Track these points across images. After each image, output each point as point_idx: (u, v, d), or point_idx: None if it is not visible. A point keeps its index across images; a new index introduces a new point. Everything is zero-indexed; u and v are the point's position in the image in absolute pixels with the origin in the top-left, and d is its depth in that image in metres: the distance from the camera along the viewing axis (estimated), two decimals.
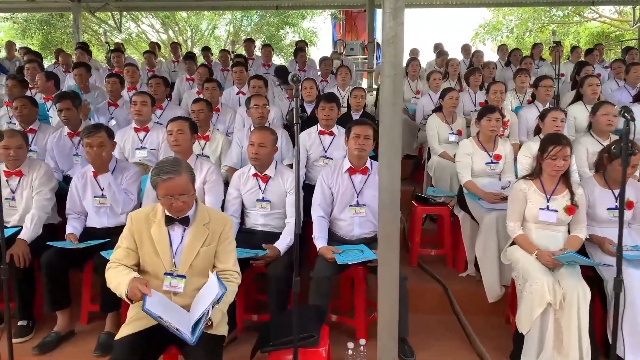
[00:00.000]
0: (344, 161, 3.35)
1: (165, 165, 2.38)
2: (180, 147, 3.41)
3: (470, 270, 3.96)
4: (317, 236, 3.21)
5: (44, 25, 14.74)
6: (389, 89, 2.49)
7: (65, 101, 4.19)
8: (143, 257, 2.43)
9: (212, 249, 2.47)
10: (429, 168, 5.01)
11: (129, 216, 2.50)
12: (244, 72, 5.98)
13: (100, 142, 3.36)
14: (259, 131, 3.33)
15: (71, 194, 3.52)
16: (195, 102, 4.40)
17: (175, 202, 2.34)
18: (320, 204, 3.32)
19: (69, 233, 3.38)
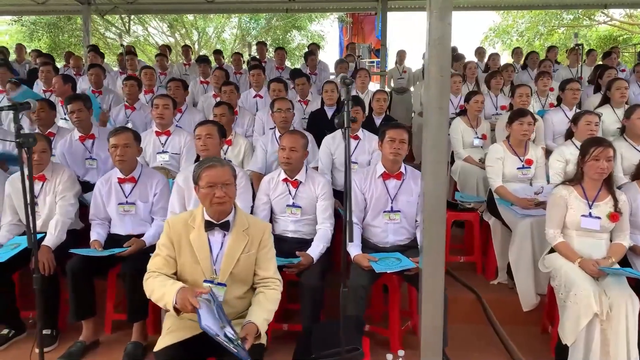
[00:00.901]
0: (377, 166, 3.26)
1: (208, 159, 2.44)
2: (209, 151, 3.31)
3: (502, 278, 3.86)
4: (350, 243, 3.10)
5: (52, 28, 14.70)
6: (436, 92, 2.41)
7: (76, 102, 4.10)
8: (182, 265, 2.34)
9: (252, 255, 2.39)
10: (453, 173, 4.90)
11: (166, 222, 2.41)
12: (262, 75, 5.90)
13: (126, 142, 3.28)
14: (290, 135, 3.24)
15: (95, 200, 3.43)
16: (218, 105, 4.31)
17: (218, 191, 2.29)
18: (353, 211, 3.22)
19: (93, 240, 3.29)
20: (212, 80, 5.93)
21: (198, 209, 2.43)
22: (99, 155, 4.20)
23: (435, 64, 2.39)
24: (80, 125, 4.15)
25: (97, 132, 4.21)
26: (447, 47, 2.38)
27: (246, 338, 2.10)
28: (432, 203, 2.43)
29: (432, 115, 2.40)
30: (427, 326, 2.51)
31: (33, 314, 3.46)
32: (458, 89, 5.91)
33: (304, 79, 5.62)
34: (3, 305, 3.20)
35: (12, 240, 3.31)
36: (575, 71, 7.40)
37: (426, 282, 2.48)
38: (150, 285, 2.25)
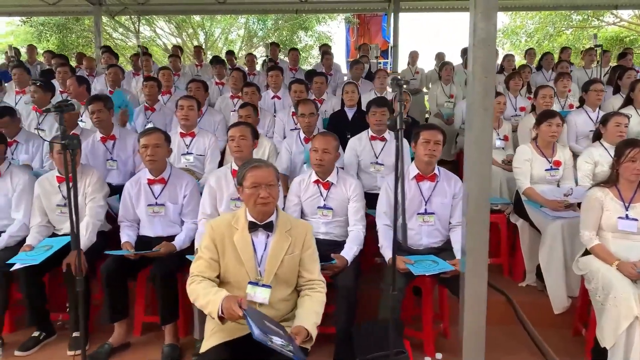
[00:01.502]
0: (411, 167, 3.24)
1: (253, 160, 2.46)
2: (242, 153, 3.30)
3: (530, 280, 3.84)
4: (385, 245, 3.10)
5: (61, 29, 14.70)
6: (480, 92, 2.39)
7: (97, 103, 4.08)
8: (225, 267, 2.32)
9: (296, 257, 2.37)
10: None
11: (208, 224, 2.39)
12: (280, 76, 5.88)
13: (157, 143, 3.27)
14: (322, 137, 3.23)
15: (124, 202, 3.42)
16: (243, 107, 4.30)
17: (263, 192, 2.28)
18: (385, 212, 3.21)
19: (124, 242, 3.28)
20: (230, 81, 5.91)
21: (241, 210, 2.42)
22: (119, 157, 4.18)
23: (480, 64, 2.37)
24: (101, 125, 4.14)
25: (118, 133, 4.20)
26: (492, 48, 2.36)
27: (295, 337, 2.08)
28: (476, 205, 2.41)
29: (477, 116, 2.39)
30: (469, 330, 2.49)
31: (63, 317, 3.44)
32: None
33: (322, 77, 5.62)
34: (34, 308, 3.19)
35: (43, 242, 3.29)
36: (590, 72, 7.39)
37: (468, 286, 2.47)
38: (194, 291, 2.22)
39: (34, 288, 3.15)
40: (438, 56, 8.78)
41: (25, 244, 3.25)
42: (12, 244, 3.34)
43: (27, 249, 3.20)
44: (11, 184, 3.46)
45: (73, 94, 5.07)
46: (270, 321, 2.09)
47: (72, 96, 5.06)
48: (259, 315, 2.07)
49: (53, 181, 3.42)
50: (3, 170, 3.48)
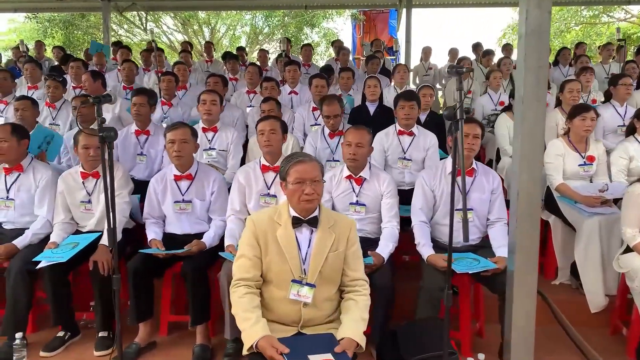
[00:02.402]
0: (447, 161, 3.14)
1: (295, 154, 2.35)
2: (273, 147, 3.21)
3: (563, 278, 3.75)
4: (422, 243, 3.00)
5: (67, 25, 14.59)
6: (533, 83, 2.30)
7: (141, 96, 4.07)
8: (268, 264, 2.23)
9: (340, 254, 2.28)
10: (499, 170, 4.78)
11: (249, 220, 2.30)
12: (297, 71, 5.79)
13: (184, 138, 3.18)
14: (356, 130, 3.13)
15: (149, 198, 3.32)
16: (265, 101, 4.22)
17: (307, 188, 2.19)
18: (421, 208, 3.12)
19: (152, 239, 3.18)
20: (246, 76, 5.81)
21: (282, 205, 2.33)
22: (149, 152, 4.12)
23: (532, 54, 2.27)
24: (139, 119, 4.11)
25: (153, 129, 4.13)
26: (546, 37, 2.27)
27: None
28: (527, 200, 2.32)
29: (529, 107, 2.29)
30: (518, 331, 2.41)
31: (87, 316, 3.35)
32: (498, 85, 5.79)
33: (350, 72, 5.53)
34: (60, 307, 3.09)
35: (68, 240, 3.19)
36: (608, 67, 7.29)
37: (518, 285, 2.38)
38: (235, 305, 2.16)
39: (59, 287, 3.06)
40: (451, 52, 8.67)
41: (50, 241, 3.16)
42: (35, 241, 3.24)
43: (52, 247, 3.10)
44: (34, 180, 3.37)
45: (89, 90, 4.97)
46: (313, 348, 2.00)
47: (87, 91, 4.97)
48: (301, 354, 1.98)
49: (77, 177, 3.32)
50: (25, 166, 3.38)
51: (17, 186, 3.36)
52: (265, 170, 3.26)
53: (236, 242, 3.10)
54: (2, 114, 5.16)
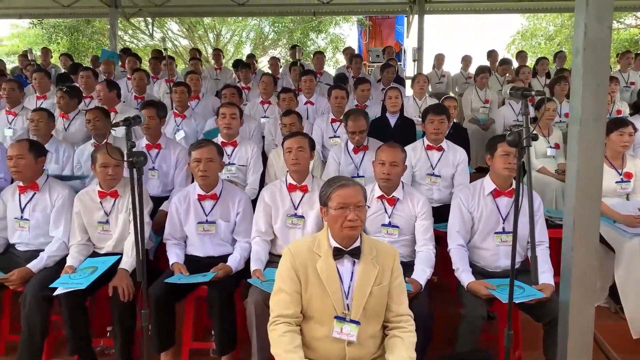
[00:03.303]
0: (485, 182, 2.99)
1: (338, 177, 2.21)
2: (301, 165, 3.06)
3: (600, 301, 3.57)
4: (461, 269, 2.84)
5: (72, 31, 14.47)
6: (591, 102, 2.14)
7: (150, 109, 3.90)
8: (309, 299, 2.08)
9: (384, 288, 2.12)
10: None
11: (287, 250, 2.14)
12: (314, 80, 5.64)
13: (210, 157, 3.03)
14: (390, 149, 2.98)
15: (171, 218, 3.17)
16: (287, 114, 4.07)
17: (351, 214, 2.05)
18: (459, 231, 2.96)
19: (174, 262, 3.02)
20: (261, 86, 5.66)
21: (321, 234, 2.18)
22: (160, 167, 3.94)
23: (591, 71, 2.12)
24: (149, 133, 3.94)
25: (165, 142, 3.97)
26: (606, 53, 2.12)
27: None
28: (584, 228, 2.17)
29: (587, 127, 2.15)
30: None
31: (104, 342, 3.18)
32: None
33: (368, 84, 5.38)
34: (77, 335, 2.93)
35: (86, 263, 3.03)
36: (627, 76, 7.14)
37: (575, 320, 2.23)
38: (276, 345, 2.01)
39: (77, 314, 2.90)
40: (464, 59, 8.52)
41: (67, 265, 3.00)
42: (50, 264, 3.08)
43: (69, 271, 2.94)
44: (50, 199, 3.21)
45: (103, 100, 4.83)
46: None
47: (102, 102, 4.82)
48: None
49: (94, 196, 3.17)
50: (41, 184, 3.23)
51: (32, 205, 3.21)
52: (292, 190, 3.11)
53: (262, 265, 2.96)
54: (11, 125, 5.02)
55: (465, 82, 8.37)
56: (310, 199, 3.09)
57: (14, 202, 3.23)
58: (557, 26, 15.33)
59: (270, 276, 2.86)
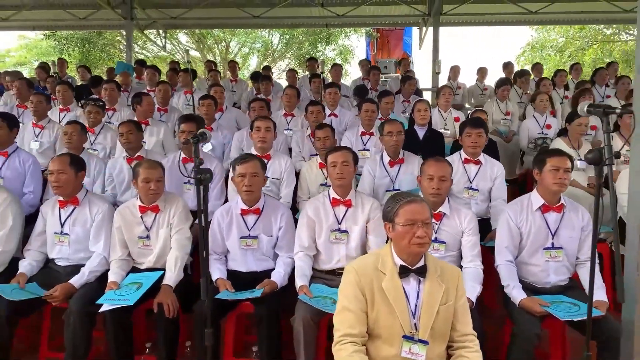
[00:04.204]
0: (532, 197, 2.96)
1: (403, 193, 2.19)
2: (346, 180, 3.03)
3: None
4: (512, 285, 2.80)
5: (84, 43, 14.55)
6: None
7: (190, 123, 3.91)
8: (375, 318, 2.04)
9: (450, 307, 2.10)
10: None
11: (350, 268, 2.11)
12: (338, 93, 5.64)
13: (254, 172, 3.02)
14: (437, 163, 2.96)
15: (213, 232, 3.14)
16: (320, 127, 4.05)
17: (419, 231, 2.02)
18: (507, 247, 2.92)
19: (218, 278, 2.99)
20: (284, 98, 5.65)
21: (384, 251, 2.15)
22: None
23: None
24: (187, 147, 3.90)
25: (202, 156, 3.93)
26: None
27: None
28: None
29: None
30: None
31: (145, 358, 3.13)
32: (545, 108, 5.62)
33: (392, 97, 5.37)
34: (122, 351, 2.87)
35: (129, 279, 3.00)
36: None
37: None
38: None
39: (122, 330, 2.86)
40: (480, 70, 8.54)
41: (110, 281, 2.96)
42: (92, 279, 3.04)
43: (113, 287, 2.90)
44: (90, 214, 3.19)
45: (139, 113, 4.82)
46: None
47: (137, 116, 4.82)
48: None
49: (135, 211, 3.14)
50: (81, 199, 3.20)
51: (72, 220, 3.18)
52: (335, 204, 3.09)
53: (308, 281, 2.93)
54: (38, 138, 5.00)
55: (482, 94, 8.38)
56: (354, 214, 3.07)
57: (54, 216, 3.20)
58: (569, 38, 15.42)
59: (316, 292, 2.84)
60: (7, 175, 3.81)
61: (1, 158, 3.82)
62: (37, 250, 3.20)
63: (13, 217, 3.15)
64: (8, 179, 3.80)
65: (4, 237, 3.10)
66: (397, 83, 8.36)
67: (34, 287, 2.98)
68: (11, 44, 21.63)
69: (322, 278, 3.06)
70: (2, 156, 3.82)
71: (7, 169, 3.82)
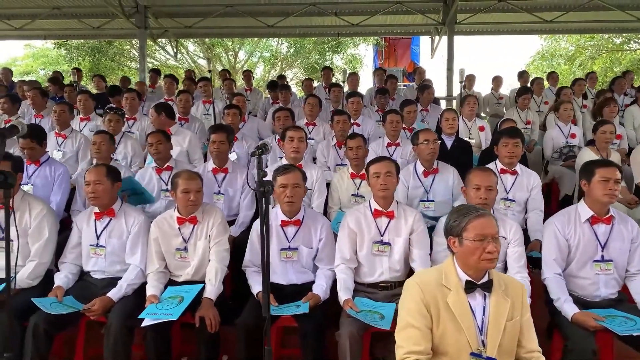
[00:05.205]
0: (580, 208, 2.91)
1: (470, 206, 2.15)
2: (389, 191, 2.99)
3: None
4: (563, 299, 2.74)
5: (94, 52, 14.58)
6: None
7: (221, 133, 3.86)
8: (441, 335, 1.99)
9: (516, 323, 2.04)
10: None
11: (413, 283, 2.06)
12: (361, 103, 5.61)
13: (296, 183, 2.98)
14: (484, 172, 2.93)
15: (252, 244, 3.10)
16: (353, 137, 4.00)
17: (489, 246, 1.97)
18: (555, 259, 2.87)
19: (259, 291, 2.92)
20: (306, 108, 5.61)
21: (447, 266, 2.09)
22: (227, 191, 3.89)
23: None
24: (218, 157, 3.89)
25: (231, 166, 3.91)
26: None
27: None
28: None
29: None
30: None
31: None
32: (569, 117, 5.57)
33: (415, 106, 5.34)
34: None
35: (168, 292, 2.93)
36: None
37: None
38: None
39: (163, 345, 2.80)
40: (495, 79, 8.51)
41: (151, 295, 2.89)
42: (129, 292, 2.99)
43: (154, 301, 2.84)
44: (126, 225, 3.14)
45: (155, 124, 4.78)
46: None
47: (155, 125, 4.77)
48: None
49: (172, 222, 3.09)
50: (117, 210, 3.15)
51: (108, 232, 3.13)
52: (377, 216, 3.04)
53: (351, 294, 2.86)
54: (61, 147, 4.96)
55: (497, 103, 8.35)
56: (396, 226, 3.02)
57: (89, 228, 3.15)
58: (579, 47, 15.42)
59: (361, 306, 2.77)
60: (37, 183, 3.81)
61: (32, 166, 3.80)
62: (72, 263, 3.15)
63: (49, 229, 3.10)
64: (37, 187, 3.80)
65: (40, 248, 3.05)
66: (411, 92, 8.35)
67: (72, 301, 2.93)
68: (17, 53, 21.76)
69: (363, 291, 3.00)
70: (34, 165, 3.80)
71: (37, 177, 3.83)
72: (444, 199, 3.81)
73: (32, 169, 3.79)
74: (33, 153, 3.76)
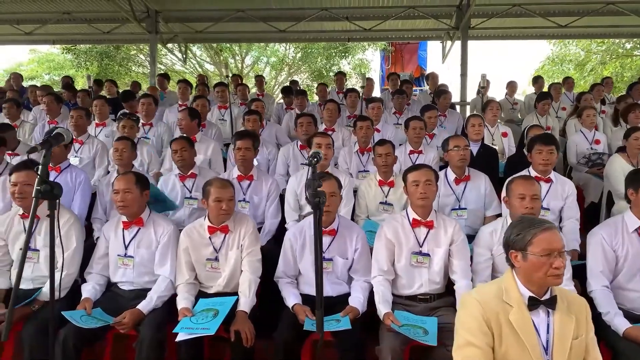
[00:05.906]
0: (627, 217, 2.81)
1: (533, 219, 2.03)
2: (429, 200, 2.89)
3: None
4: (612, 312, 2.63)
5: (102, 57, 14.53)
6: None
7: (246, 140, 3.76)
8: (504, 354, 1.88)
9: (582, 341, 1.94)
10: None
11: (472, 299, 1.96)
12: (381, 108, 5.53)
13: (332, 191, 2.89)
14: (527, 181, 2.82)
15: (285, 254, 3.01)
16: (382, 143, 3.91)
17: (557, 261, 1.87)
18: (602, 271, 2.76)
19: (295, 304, 2.82)
20: (326, 113, 5.53)
21: (507, 281, 1.99)
22: (252, 199, 3.79)
23: None
24: (243, 164, 3.79)
25: (257, 174, 3.82)
26: None
27: None
28: None
29: None
30: None
31: None
32: (593, 123, 5.48)
33: (435, 111, 5.26)
34: None
35: (201, 305, 2.82)
36: None
37: None
38: None
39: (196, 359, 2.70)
40: (510, 85, 8.43)
41: (184, 307, 2.79)
42: (159, 304, 2.88)
43: (187, 314, 2.74)
44: (155, 235, 3.04)
45: (185, 129, 4.69)
46: None
47: (183, 131, 4.69)
48: None
49: (203, 232, 3.00)
50: (145, 219, 3.06)
51: (136, 242, 3.03)
52: (415, 225, 2.94)
53: (390, 307, 2.76)
54: (78, 153, 4.88)
55: (512, 108, 8.27)
56: (435, 236, 2.92)
57: (117, 238, 3.06)
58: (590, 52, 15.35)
59: (402, 320, 2.67)
60: None
61: (53, 173, 3.71)
62: (98, 274, 3.06)
63: (76, 238, 3.01)
64: None
65: (69, 259, 2.96)
66: (425, 97, 8.27)
67: (100, 313, 2.83)
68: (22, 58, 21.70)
69: (401, 304, 2.90)
70: (55, 171, 3.71)
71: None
72: (477, 207, 3.72)
73: (52, 176, 3.70)
74: (56, 157, 3.67)
